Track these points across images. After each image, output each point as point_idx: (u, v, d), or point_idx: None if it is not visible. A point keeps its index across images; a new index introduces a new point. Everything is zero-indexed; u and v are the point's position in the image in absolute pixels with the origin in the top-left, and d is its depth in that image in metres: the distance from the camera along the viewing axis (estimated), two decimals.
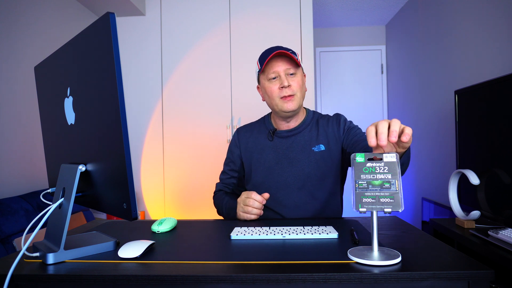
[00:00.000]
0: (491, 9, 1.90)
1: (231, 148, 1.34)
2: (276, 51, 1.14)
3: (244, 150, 1.30)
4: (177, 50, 2.74)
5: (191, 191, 2.70)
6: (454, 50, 2.30)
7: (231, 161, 1.33)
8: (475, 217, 1.49)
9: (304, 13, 2.63)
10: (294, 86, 1.16)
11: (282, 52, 1.14)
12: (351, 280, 0.63)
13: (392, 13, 3.41)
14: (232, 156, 1.33)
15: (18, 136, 2.00)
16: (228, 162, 1.34)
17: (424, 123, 2.78)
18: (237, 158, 1.31)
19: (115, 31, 0.65)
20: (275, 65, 1.16)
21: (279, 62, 1.16)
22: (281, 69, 1.16)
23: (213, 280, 0.64)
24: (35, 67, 1.00)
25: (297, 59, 1.16)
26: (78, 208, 2.07)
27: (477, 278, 0.62)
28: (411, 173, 3.10)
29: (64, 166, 0.83)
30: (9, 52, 1.96)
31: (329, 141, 1.22)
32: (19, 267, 0.71)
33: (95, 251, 0.79)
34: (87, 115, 0.77)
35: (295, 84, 1.17)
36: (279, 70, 1.16)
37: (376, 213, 0.69)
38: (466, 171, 1.38)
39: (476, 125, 1.61)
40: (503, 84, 1.42)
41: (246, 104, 2.65)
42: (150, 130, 2.76)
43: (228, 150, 1.35)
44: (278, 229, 0.91)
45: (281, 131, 1.25)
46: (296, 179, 1.20)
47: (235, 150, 1.32)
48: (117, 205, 0.71)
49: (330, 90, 3.76)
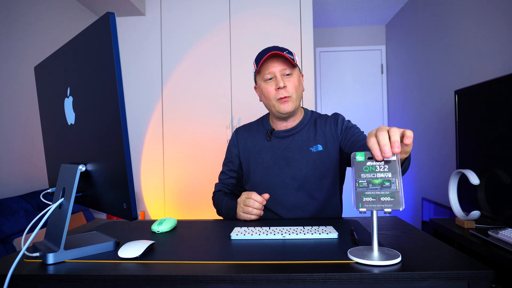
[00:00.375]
0: (491, 9, 1.90)
1: (229, 148, 1.34)
2: (270, 52, 1.14)
3: (242, 150, 1.30)
4: (177, 50, 2.74)
5: (191, 191, 2.70)
6: (454, 50, 2.30)
7: (229, 161, 1.33)
8: (475, 217, 1.49)
9: (304, 13, 2.63)
10: (290, 87, 1.16)
11: (277, 53, 1.14)
12: (351, 280, 0.63)
13: (392, 13, 3.41)
14: (230, 156, 1.33)
15: (18, 136, 2.00)
16: (226, 162, 1.34)
17: (424, 123, 2.78)
18: (235, 158, 1.31)
19: (115, 31, 0.65)
20: (270, 66, 1.16)
21: (274, 62, 1.16)
22: (277, 69, 1.15)
23: (213, 280, 0.64)
24: (35, 67, 1.00)
25: (293, 59, 1.16)
26: (78, 208, 2.07)
27: (477, 278, 0.62)
28: (411, 173, 3.10)
29: (64, 166, 0.83)
30: (9, 52, 1.96)
31: (327, 141, 1.21)
32: (19, 267, 0.71)
33: (95, 251, 0.79)
34: (87, 115, 0.77)
35: (291, 85, 1.16)
36: (274, 70, 1.15)
37: (376, 213, 0.69)
38: (466, 171, 1.38)
39: (476, 125, 1.61)
40: (503, 84, 1.42)
41: (246, 104, 2.65)
42: (150, 130, 2.76)
43: (227, 151, 1.36)
44: (278, 229, 0.91)
45: (279, 131, 1.25)
46: (293, 179, 1.19)
47: (233, 150, 1.32)
48: (117, 205, 0.71)
49: (330, 90, 3.76)
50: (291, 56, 1.15)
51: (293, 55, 1.18)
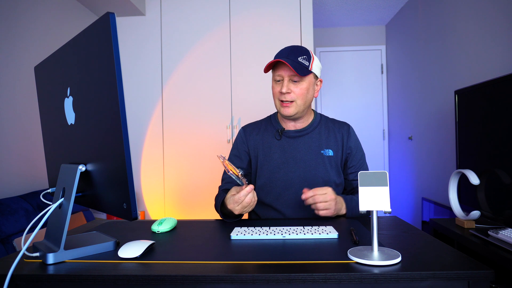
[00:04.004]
0: (491, 9, 1.90)
1: (237, 145, 1.31)
2: (276, 59, 1.13)
3: (252, 147, 1.28)
4: (177, 50, 2.74)
5: (191, 191, 2.70)
6: (454, 50, 2.30)
7: (238, 157, 1.30)
8: (475, 217, 1.49)
9: (304, 13, 2.63)
10: (295, 93, 1.15)
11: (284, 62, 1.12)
12: (351, 280, 0.63)
13: (392, 13, 3.41)
14: (238, 153, 1.30)
15: (18, 136, 2.00)
16: (233, 159, 1.31)
17: (424, 123, 2.78)
18: (244, 154, 1.29)
19: (115, 31, 0.65)
20: (280, 69, 1.16)
21: (285, 66, 1.14)
22: (286, 74, 1.15)
23: (213, 280, 0.64)
24: (35, 67, 1.00)
25: (307, 65, 1.13)
26: (78, 208, 2.07)
27: (477, 278, 0.62)
28: (411, 173, 3.10)
29: (64, 166, 0.83)
30: (9, 52, 1.96)
31: (338, 147, 1.24)
32: (19, 267, 0.71)
33: (95, 251, 0.79)
34: (87, 115, 0.77)
35: (297, 90, 1.15)
36: (283, 74, 1.15)
37: (376, 213, 0.69)
38: (466, 171, 1.38)
39: (476, 125, 1.61)
40: (503, 84, 1.42)
41: (246, 104, 2.65)
42: (150, 130, 2.76)
43: (233, 148, 1.33)
44: (278, 229, 0.91)
45: (289, 131, 1.25)
46: (301, 179, 1.20)
47: (242, 147, 1.30)
48: (117, 205, 0.71)
49: (330, 90, 3.76)
50: (304, 63, 1.13)
51: (310, 60, 1.15)
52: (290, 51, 1.15)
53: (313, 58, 1.17)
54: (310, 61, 1.15)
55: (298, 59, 1.13)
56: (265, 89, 2.60)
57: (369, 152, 3.42)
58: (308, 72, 1.14)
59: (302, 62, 1.13)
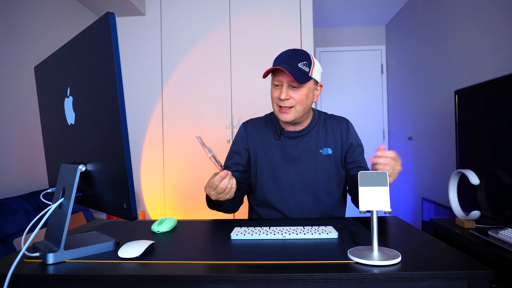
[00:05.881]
0: (491, 9, 1.90)
1: (237, 141, 1.30)
2: (274, 67, 1.09)
3: (251, 144, 1.27)
4: (177, 50, 2.74)
5: (191, 191, 2.70)
6: (454, 50, 2.30)
7: (237, 154, 1.28)
8: (475, 217, 1.49)
9: (304, 13, 2.63)
10: (294, 99, 1.12)
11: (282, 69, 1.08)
12: (351, 280, 0.63)
13: (392, 13, 3.41)
14: (238, 149, 1.28)
15: (18, 136, 2.00)
16: (232, 156, 1.29)
17: (424, 123, 2.78)
18: (244, 151, 1.27)
19: (115, 31, 0.65)
20: (280, 74, 1.12)
21: (284, 72, 1.10)
22: (285, 80, 1.11)
23: (213, 280, 0.64)
24: (35, 67, 1.00)
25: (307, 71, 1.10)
26: (78, 208, 2.07)
27: (477, 278, 0.62)
28: (411, 173, 3.10)
29: (64, 166, 0.83)
30: (9, 52, 1.96)
31: (337, 145, 1.23)
32: (19, 267, 0.71)
33: (95, 251, 0.79)
34: (87, 115, 0.77)
35: (296, 96, 1.12)
36: (282, 80, 1.12)
37: (376, 213, 0.69)
38: (466, 171, 1.38)
39: (476, 125, 1.61)
40: (503, 84, 1.42)
41: (246, 104, 2.65)
42: (150, 130, 2.76)
43: (232, 144, 1.31)
44: (278, 229, 0.91)
45: (289, 131, 1.24)
46: (300, 179, 1.20)
47: (242, 143, 1.28)
48: (117, 205, 0.71)
49: (330, 90, 3.76)
50: (305, 69, 1.10)
51: (310, 66, 1.11)
52: (290, 56, 1.11)
53: (314, 63, 1.13)
54: (311, 67, 1.12)
55: (298, 65, 1.09)
56: (265, 89, 2.60)
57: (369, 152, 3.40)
58: (308, 79, 1.11)
59: (302, 68, 1.09)
